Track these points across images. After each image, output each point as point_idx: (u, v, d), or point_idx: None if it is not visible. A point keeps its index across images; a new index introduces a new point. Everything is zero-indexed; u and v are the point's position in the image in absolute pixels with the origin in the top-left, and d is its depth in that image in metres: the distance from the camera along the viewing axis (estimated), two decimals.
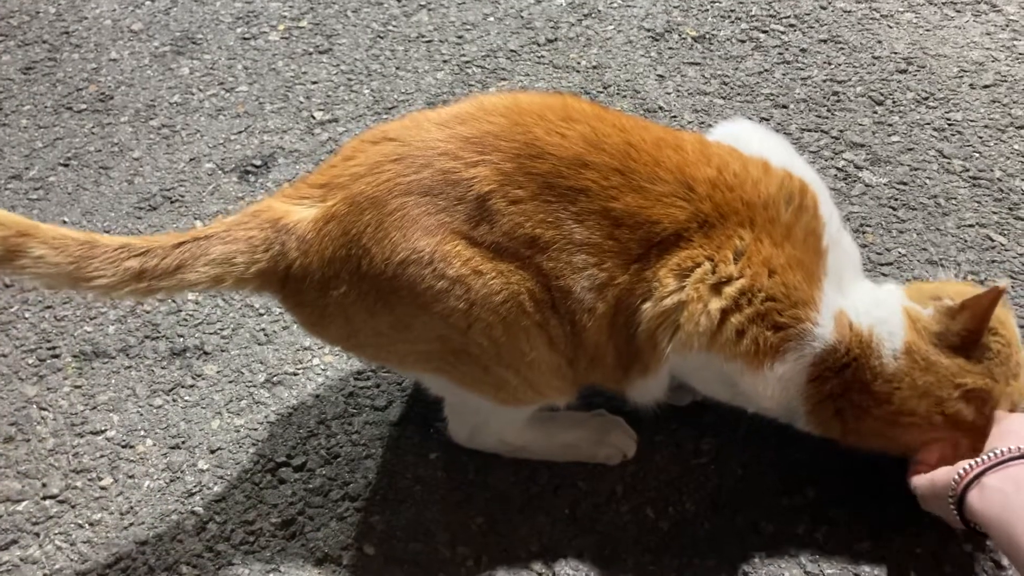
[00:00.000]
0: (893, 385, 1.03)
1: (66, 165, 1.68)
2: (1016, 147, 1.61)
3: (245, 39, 1.92)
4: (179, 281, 1.00)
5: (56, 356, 1.37)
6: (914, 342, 1.03)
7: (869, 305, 1.06)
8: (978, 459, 0.95)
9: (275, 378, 1.34)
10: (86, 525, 1.18)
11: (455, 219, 0.97)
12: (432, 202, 0.97)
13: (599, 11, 1.94)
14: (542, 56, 1.85)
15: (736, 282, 0.99)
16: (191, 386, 1.33)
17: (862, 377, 1.04)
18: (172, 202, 1.60)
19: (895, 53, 1.81)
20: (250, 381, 1.33)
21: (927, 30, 1.87)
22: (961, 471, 0.95)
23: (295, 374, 1.34)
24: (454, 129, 1.00)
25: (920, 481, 1.04)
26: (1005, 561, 1.10)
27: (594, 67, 1.82)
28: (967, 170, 1.58)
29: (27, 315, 1.43)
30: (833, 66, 1.79)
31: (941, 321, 1.04)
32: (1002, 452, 0.94)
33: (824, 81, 1.76)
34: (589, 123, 1.01)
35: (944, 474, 0.99)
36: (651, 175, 0.99)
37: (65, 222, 1.56)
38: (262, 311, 1.42)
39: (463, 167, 0.97)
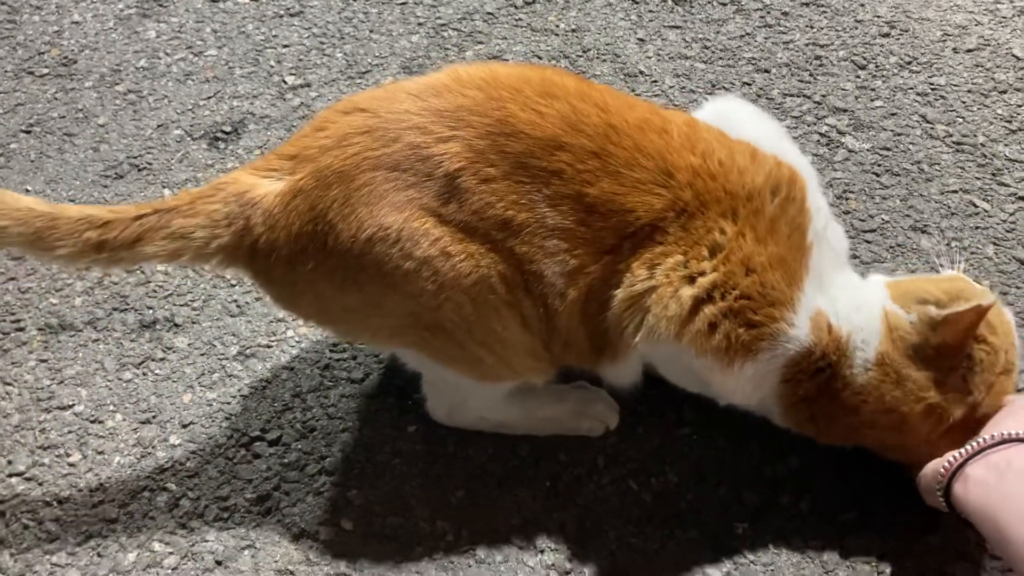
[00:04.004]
0: (861, 398, 1.01)
1: (28, 132, 1.62)
2: (999, 112, 1.59)
3: (213, 1, 1.86)
4: (138, 253, 0.99)
5: (21, 329, 1.33)
6: (887, 353, 0.99)
7: (850, 308, 1.02)
8: (961, 451, 0.93)
9: (248, 351, 1.30)
10: (54, 503, 1.15)
11: (424, 196, 0.94)
12: (400, 178, 0.94)
13: None
14: (520, 19, 1.81)
15: (709, 275, 0.96)
16: (161, 359, 1.30)
17: (834, 385, 1.01)
18: (139, 170, 1.55)
19: (878, 16, 1.79)
20: (222, 354, 1.30)
21: None
22: (946, 463, 0.94)
23: (269, 346, 1.31)
24: (427, 102, 0.96)
25: (919, 478, 1.02)
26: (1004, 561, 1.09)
27: (573, 30, 1.78)
28: (950, 135, 1.56)
29: None
30: (815, 30, 1.76)
31: (921, 332, 0.99)
32: (983, 441, 0.92)
33: (806, 45, 1.74)
34: (569, 101, 0.97)
35: (932, 467, 0.98)
36: (630, 160, 0.95)
37: (28, 191, 1.51)
38: (234, 282, 1.38)
39: (433, 142, 0.94)
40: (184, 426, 1.22)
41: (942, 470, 0.94)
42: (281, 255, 0.97)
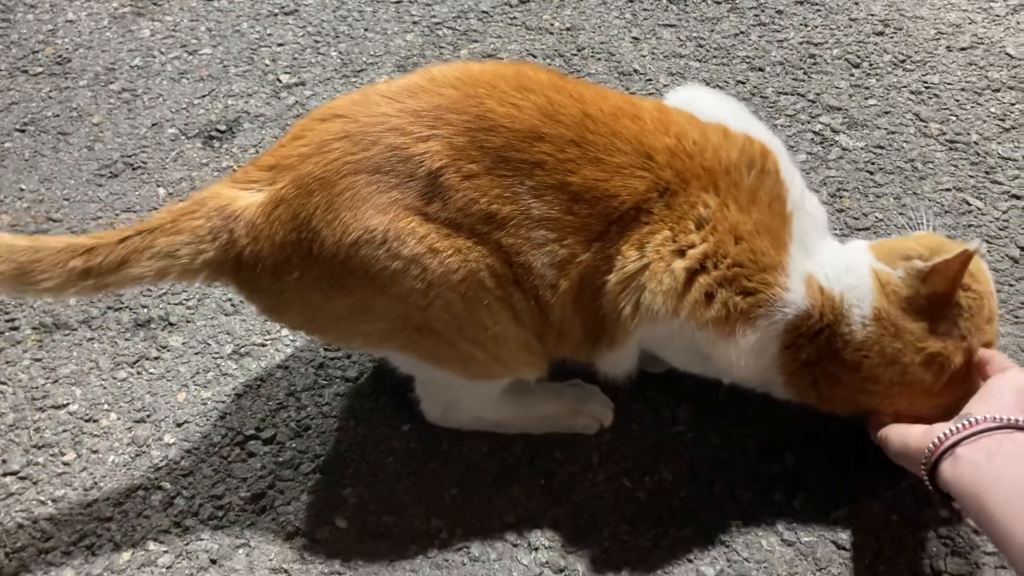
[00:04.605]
0: (862, 353, 1.02)
1: (23, 131, 1.62)
2: (992, 110, 1.60)
3: None
4: (124, 276, 0.98)
5: (15, 328, 1.33)
6: (883, 307, 1.01)
7: (839, 270, 1.04)
8: (952, 427, 0.93)
9: (243, 349, 1.30)
10: (49, 502, 1.15)
11: (407, 196, 0.94)
12: (382, 180, 0.93)
13: None
14: (514, 17, 1.81)
15: (699, 247, 0.97)
16: (156, 358, 1.30)
17: (834, 345, 1.02)
18: (134, 169, 1.55)
19: (872, 15, 1.79)
20: (217, 352, 1.30)
21: None
22: (935, 440, 0.94)
23: (263, 345, 1.31)
24: (403, 103, 0.96)
25: (891, 435, 1.02)
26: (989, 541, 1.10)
27: (568, 29, 1.78)
28: (944, 133, 1.56)
29: None
30: (810, 28, 1.77)
31: (911, 285, 1.02)
32: (975, 421, 0.92)
33: (800, 43, 1.74)
34: (544, 93, 0.97)
35: (918, 438, 0.97)
36: (608, 146, 0.96)
37: (22, 189, 1.51)
38: None
39: (413, 142, 0.94)
40: (179, 425, 1.22)
41: (931, 445, 0.93)
42: (266, 266, 0.97)
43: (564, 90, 0.98)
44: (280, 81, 1.70)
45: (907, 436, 1.00)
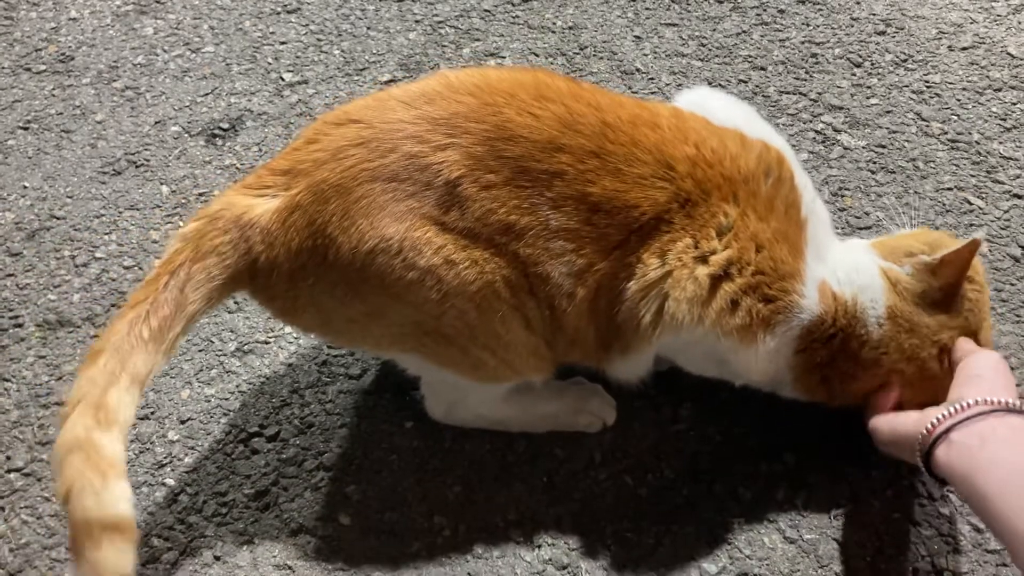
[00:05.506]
0: (880, 351, 1.03)
1: (26, 128, 1.62)
2: (994, 109, 1.60)
3: None
4: (186, 319, 0.96)
5: (19, 325, 1.33)
6: (896, 305, 1.03)
7: (849, 272, 1.05)
8: (945, 411, 0.94)
9: (246, 347, 1.31)
10: (53, 498, 1.15)
11: (424, 205, 0.93)
12: (400, 188, 0.93)
13: None
14: (516, 16, 1.81)
15: (722, 253, 0.97)
16: None
17: (849, 346, 1.03)
18: (137, 167, 1.55)
19: (873, 14, 1.79)
20: (220, 350, 1.31)
21: None
22: (929, 425, 0.94)
23: (267, 342, 1.31)
24: (421, 110, 0.96)
25: (880, 425, 1.03)
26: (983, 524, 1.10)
27: (570, 28, 1.78)
28: (945, 133, 1.57)
29: None
30: (811, 27, 1.77)
31: (922, 279, 1.03)
32: (968, 404, 0.93)
33: (802, 43, 1.74)
34: (563, 102, 0.97)
35: (910, 425, 0.97)
36: (629, 156, 0.96)
37: (26, 187, 1.51)
38: None
39: (431, 151, 0.94)
40: (182, 422, 1.23)
41: (925, 431, 0.94)
42: (282, 272, 0.97)
43: (582, 99, 0.98)
44: (283, 79, 1.70)
45: (896, 424, 1.01)
